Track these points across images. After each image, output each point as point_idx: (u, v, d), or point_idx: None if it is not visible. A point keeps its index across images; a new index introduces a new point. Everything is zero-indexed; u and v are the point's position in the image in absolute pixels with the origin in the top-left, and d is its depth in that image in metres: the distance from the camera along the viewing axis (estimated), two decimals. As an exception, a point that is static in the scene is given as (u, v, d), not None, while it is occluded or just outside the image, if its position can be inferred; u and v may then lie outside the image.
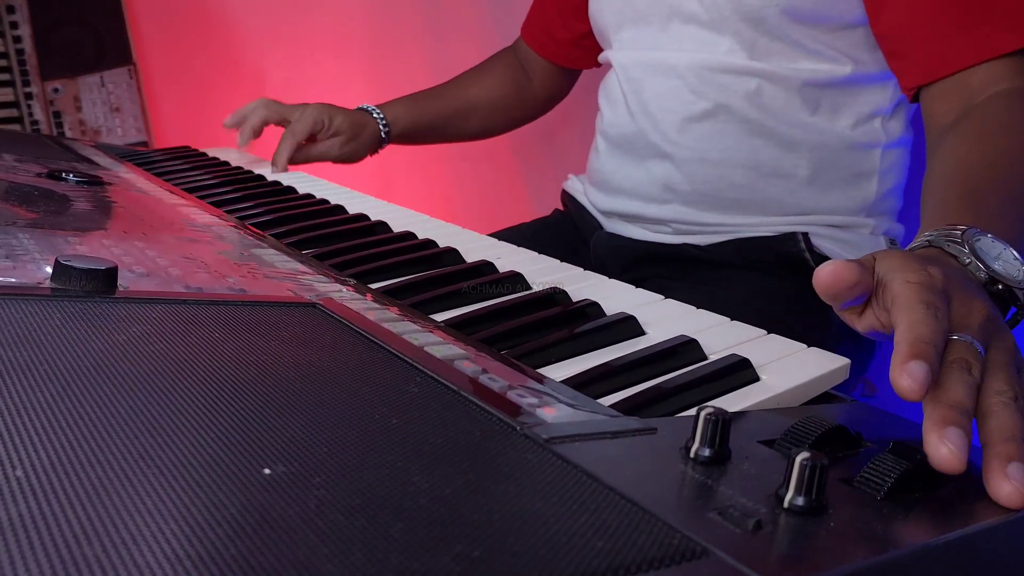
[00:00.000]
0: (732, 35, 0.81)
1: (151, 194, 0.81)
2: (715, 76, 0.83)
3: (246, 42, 1.74)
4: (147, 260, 0.54)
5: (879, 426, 0.42)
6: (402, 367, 0.41)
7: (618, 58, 0.93)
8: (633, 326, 0.52)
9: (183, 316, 0.44)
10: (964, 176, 0.61)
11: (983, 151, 0.63)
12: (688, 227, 0.88)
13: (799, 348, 0.50)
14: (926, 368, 0.36)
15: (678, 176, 0.87)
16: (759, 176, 0.84)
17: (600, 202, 0.96)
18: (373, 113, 1.11)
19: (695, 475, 0.32)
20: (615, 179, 0.93)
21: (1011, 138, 0.64)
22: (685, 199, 0.87)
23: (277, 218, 0.79)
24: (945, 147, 0.66)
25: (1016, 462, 0.35)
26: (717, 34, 0.82)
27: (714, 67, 0.83)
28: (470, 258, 0.67)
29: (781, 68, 0.81)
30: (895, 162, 0.87)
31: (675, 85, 0.86)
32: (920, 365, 0.36)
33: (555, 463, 0.32)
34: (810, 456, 0.30)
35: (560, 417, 0.37)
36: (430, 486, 0.29)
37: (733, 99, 0.83)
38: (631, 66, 0.90)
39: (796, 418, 0.38)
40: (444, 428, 0.34)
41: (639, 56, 0.89)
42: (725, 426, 0.34)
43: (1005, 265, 0.48)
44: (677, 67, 0.85)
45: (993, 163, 0.61)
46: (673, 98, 0.86)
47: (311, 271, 0.59)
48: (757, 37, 0.80)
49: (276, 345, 0.42)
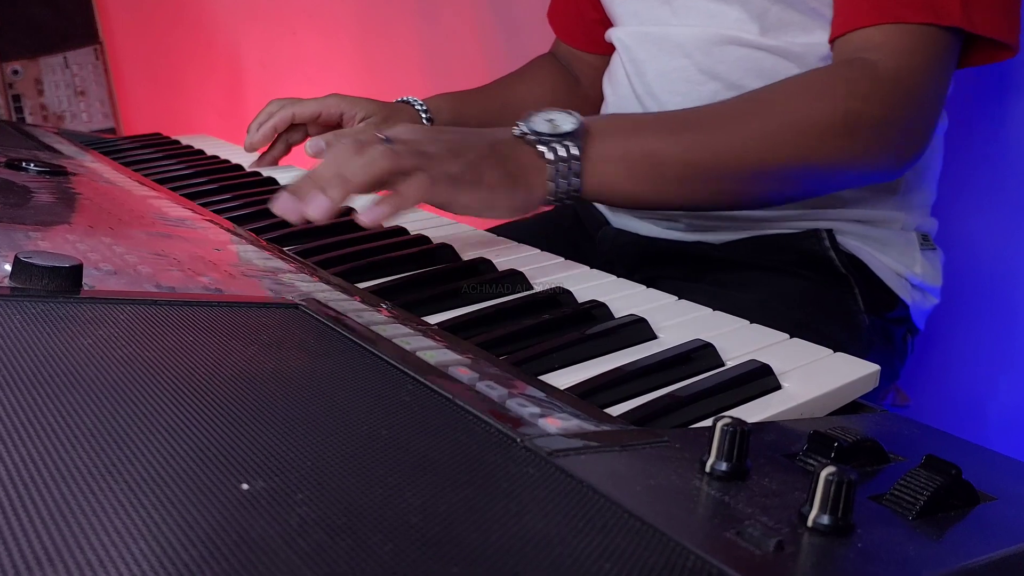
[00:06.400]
0: (740, 3, 0.81)
1: (119, 185, 0.81)
2: (724, 52, 0.83)
3: (222, 19, 1.74)
4: (115, 257, 0.54)
5: (911, 438, 0.42)
6: (392, 374, 0.41)
7: (620, 36, 0.92)
8: (644, 329, 0.52)
9: (154, 318, 0.44)
10: (693, 116, 0.71)
11: (731, 119, 0.70)
12: (702, 222, 0.88)
13: (824, 353, 0.50)
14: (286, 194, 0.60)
15: None
16: None
17: (606, 195, 0.96)
18: (412, 102, 1.08)
19: (711, 491, 0.32)
20: None
21: (763, 121, 0.70)
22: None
23: (256, 211, 0.79)
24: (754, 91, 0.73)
25: (288, 193, 0.61)
26: (724, 3, 0.82)
27: (722, 41, 0.83)
28: (466, 255, 0.67)
29: (796, 44, 0.81)
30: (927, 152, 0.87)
31: (681, 64, 0.86)
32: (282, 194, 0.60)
33: (559, 478, 0.32)
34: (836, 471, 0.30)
35: (564, 428, 0.37)
36: (422, 503, 0.29)
37: (745, 79, 0.83)
38: (634, 45, 0.90)
39: (821, 429, 0.38)
40: (438, 440, 0.34)
41: (642, 31, 0.89)
42: (744, 438, 0.34)
43: (542, 126, 0.65)
44: (683, 44, 0.85)
45: (719, 126, 0.70)
46: (680, 79, 0.86)
47: (293, 269, 0.59)
48: (768, 5, 0.80)
49: (255, 350, 0.42)
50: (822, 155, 0.70)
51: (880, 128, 0.70)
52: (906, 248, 0.86)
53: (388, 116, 1.03)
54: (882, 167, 0.74)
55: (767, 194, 0.74)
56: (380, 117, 1.02)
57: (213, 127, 1.61)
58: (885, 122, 0.70)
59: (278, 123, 1.02)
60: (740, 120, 0.71)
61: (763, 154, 0.69)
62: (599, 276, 0.64)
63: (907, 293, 0.85)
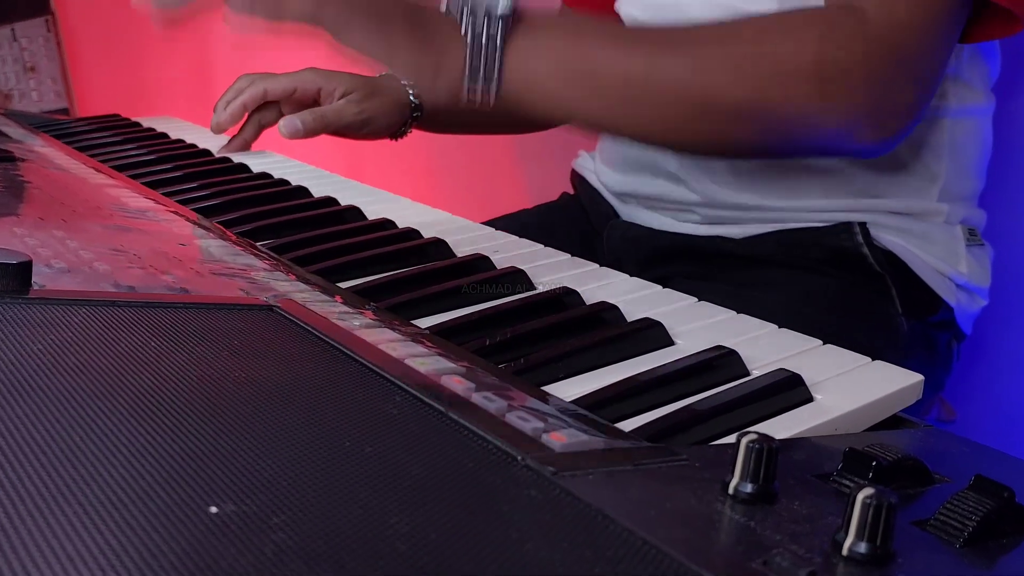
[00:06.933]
0: None
1: (73, 172, 0.81)
2: None
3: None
4: (68, 253, 0.54)
5: (958, 457, 0.42)
6: (378, 384, 0.41)
7: (630, 9, 0.92)
8: (659, 334, 0.52)
9: (112, 321, 0.44)
10: (647, 33, 0.74)
11: (686, 48, 0.70)
12: (720, 213, 0.88)
13: (861, 362, 0.50)
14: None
15: None
16: None
17: (613, 182, 0.96)
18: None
19: (735, 516, 0.32)
20: (630, 153, 0.93)
21: (723, 49, 0.69)
22: (716, 177, 0.87)
23: (226, 202, 0.79)
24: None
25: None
26: None
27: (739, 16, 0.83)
28: (461, 251, 0.67)
29: None
30: (972, 135, 0.87)
31: None
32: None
33: (564, 501, 0.32)
34: (875, 493, 0.30)
35: (570, 445, 0.37)
36: (411, 529, 0.29)
37: None
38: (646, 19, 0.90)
39: (857, 447, 0.38)
40: (429, 458, 0.34)
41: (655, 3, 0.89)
42: (771, 456, 0.34)
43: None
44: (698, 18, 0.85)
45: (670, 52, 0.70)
46: None
47: (267, 266, 0.59)
48: None
49: (225, 357, 0.42)
50: (782, 98, 0.68)
51: (854, 81, 0.68)
52: (950, 243, 0.86)
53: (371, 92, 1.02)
54: (857, 133, 0.71)
55: (721, 136, 0.72)
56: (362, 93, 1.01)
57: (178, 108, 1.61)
58: (861, 76, 0.68)
59: (248, 101, 1.02)
60: (698, 44, 0.69)
61: (718, 85, 0.68)
62: (609, 275, 0.64)
63: (951, 294, 0.85)
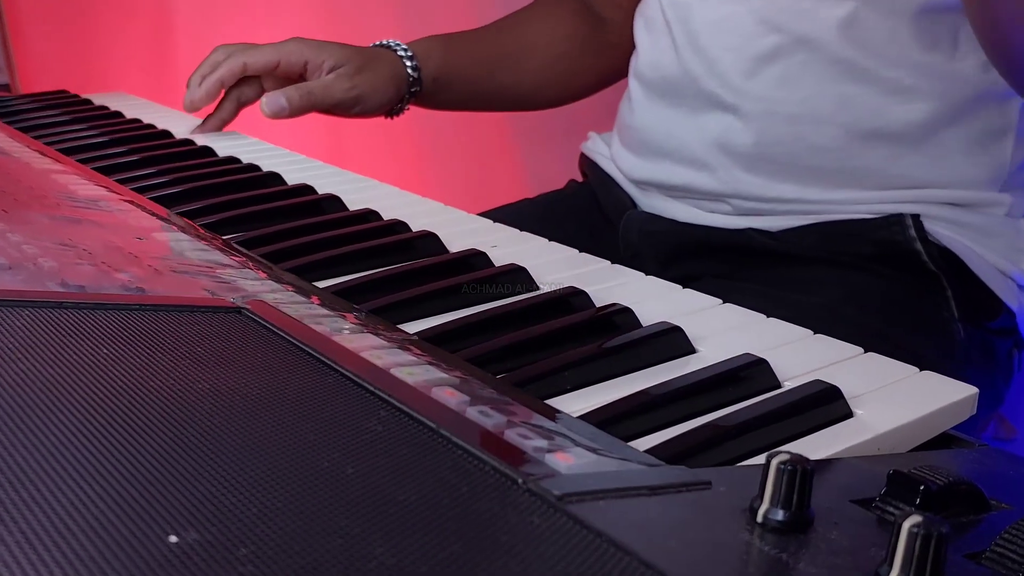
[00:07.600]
0: None
1: (15, 156, 0.81)
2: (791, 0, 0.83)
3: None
4: (9, 247, 0.54)
5: (1019, 480, 0.42)
6: (360, 396, 0.41)
7: None
8: (679, 341, 0.52)
9: (59, 325, 0.44)
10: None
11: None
12: (754, 204, 0.88)
13: (908, 372, 0.50)
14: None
15: (742, 135, 0.87)
16: (852, 136, 0.84)
17: (634, 169, 0.96)
18: (393, 47, 1.06)
19: (764, 547, 0.32)
20: (655, 138, 0.93)
21: None
22: (750, 165, 0.87)
23: (189, 190, 0.79)
24: None
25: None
26: None
27: None
28: (454, 247, 0.67)
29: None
30: (1042, 118, 0.87)
31: (735, 11, 0.86)
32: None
33: (571, 530, 0.32)
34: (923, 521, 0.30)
35: (578, 466, 0.37)
36: (398, 561, 0.29)
37: (817, 31, 0.83)
38: None
39: (903, 469, 0.38)
40: (418, 481, 0.34)
41: None
42: (805, 479, 0.34)
43: None
44: None
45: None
46: (734, 31, 0.86)
47: (236, 263, 0.59)
48: None
49: (187, 366, 0.42)
50: None
51: None
52: (1013, 239, 0.86)
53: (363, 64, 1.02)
54: None
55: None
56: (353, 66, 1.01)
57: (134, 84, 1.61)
58: None
59: (225, 75, 1.02)
60: None
61: None
62: (622, 273, 0.64)
63: (1013, 297, 0.85)
